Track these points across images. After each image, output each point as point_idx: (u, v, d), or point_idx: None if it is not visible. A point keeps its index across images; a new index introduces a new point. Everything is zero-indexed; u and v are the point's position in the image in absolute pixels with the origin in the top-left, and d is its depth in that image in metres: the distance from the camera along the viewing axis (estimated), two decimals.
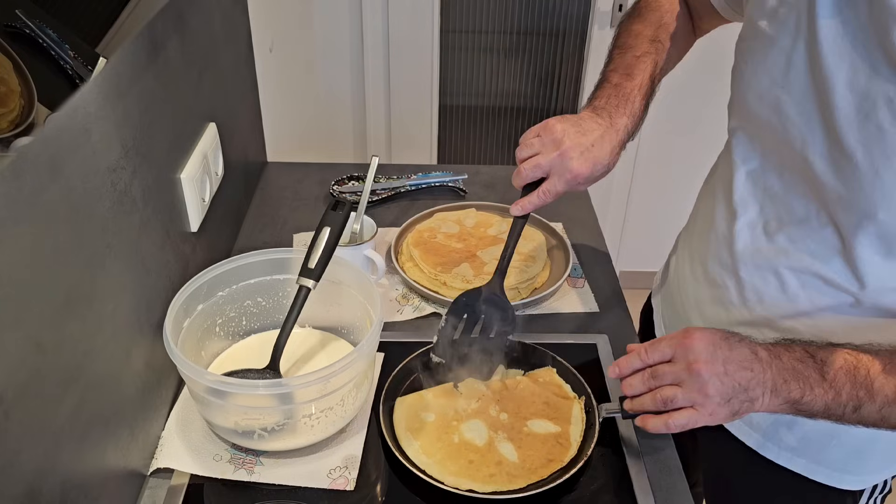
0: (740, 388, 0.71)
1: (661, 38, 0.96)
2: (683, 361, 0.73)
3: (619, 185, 2.44)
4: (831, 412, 0.71)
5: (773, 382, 0.71)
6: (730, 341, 0.73)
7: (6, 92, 0.73)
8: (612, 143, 0.87)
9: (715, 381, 0.71)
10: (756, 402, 0.72)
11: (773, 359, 0.72)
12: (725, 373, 0.71)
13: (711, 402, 0.72)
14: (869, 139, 0.68)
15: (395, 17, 2.13)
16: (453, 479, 0.83)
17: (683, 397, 0.73)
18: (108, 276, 0.72)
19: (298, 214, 1.32)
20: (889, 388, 0.69)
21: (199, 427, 0.89)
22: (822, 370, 0.71)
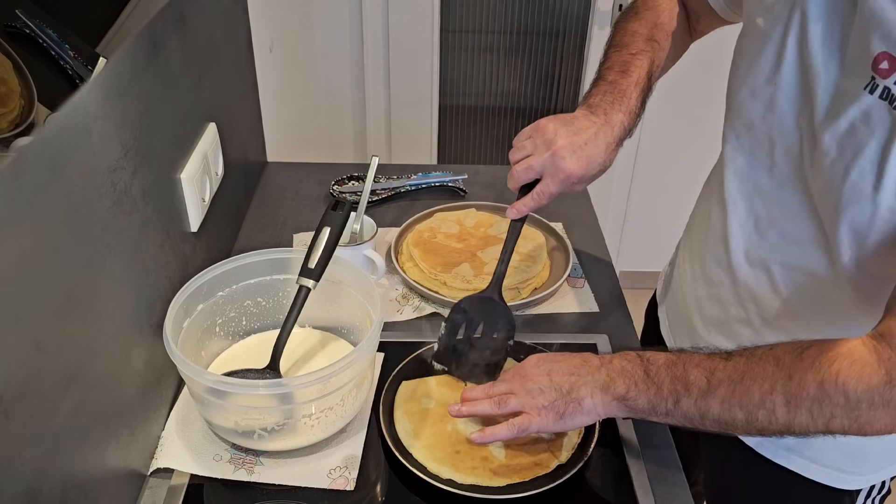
0: (563, 392, 0.78)
1: (657, 38, 0.95)
2: (517, 378, 0.82)
3: (619, 185, 2.44)
4: (656, 408, 0.74)
5: (602, 383, 0.77)
6: (561, 356, 0.82)
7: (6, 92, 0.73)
8: (606, 140, 0.86)
9: (538, 388, 0.79)
10: (584, 402, 0.77)
11: (603, 364, 0.78)
12: (550, 381, 0.79)
13: (537, 404, 0.79)
14: (841, 136, 0.70)
15: (395, 17, 2.12)
16: (436, 466, 0.84)
17: (515, 402, 0.80)
18: (108, 276, 0.72)
19: (298, 214, 1.32)
20: (702, 379, 0.71)
21: (199, 427, 0.89)
22: (647, 368, 0.75)
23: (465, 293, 1.10)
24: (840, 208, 0.71)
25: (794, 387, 0.66)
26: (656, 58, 0.94)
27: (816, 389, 0.65)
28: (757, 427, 0.69)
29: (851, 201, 0.70)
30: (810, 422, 0.67)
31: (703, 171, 1.05)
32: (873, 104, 0.67)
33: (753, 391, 0.68)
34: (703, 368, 0.71)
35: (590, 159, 0.86)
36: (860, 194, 0.69)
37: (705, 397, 0.71)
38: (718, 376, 0.70)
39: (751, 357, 0.70)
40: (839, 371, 0.64)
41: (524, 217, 0.93)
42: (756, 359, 0.69)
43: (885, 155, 0.66)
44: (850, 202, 0.70)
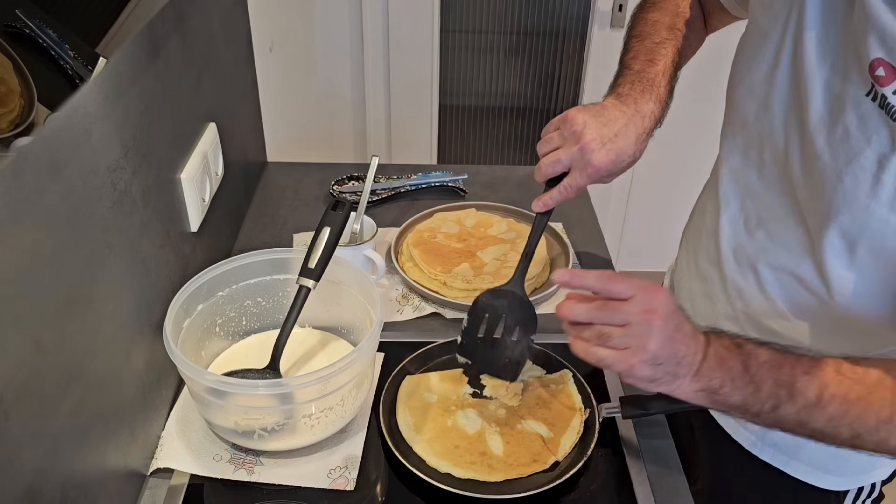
0: (674, 358, 0.67)
1: (678, 26, 0.93)
2: (642, 305, 0.67)
3: (619, 185, 2.44)
4: (749, 407, 0.68)
5: (698, 368, 0.68)
6: (680, 314, 0.69)
7: (6, 92, 0.73)
8: (637, 131, 0.84)
9: (659, 338, 0.66)
10: (677, 380, 0.68)
11: (711, 341, 0.69)
12: (672, 337, 0.67)
13: (644, 354, 0.66)
14: (836, 141, 0.69)
15: (395, 17, 2.12)
16: (435, 460, 0.85)
17: (620, 338, 0.67)
18: (108, 276, 0.72)
19: (298, 214, 1.32)
20: (811, 390, 0.66)
21: (199, 427, 0.89)
22: (746, 362, 0.68)
23: (465, 293, 1.10)
24: (830, 214, 0.70)
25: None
26: (679, 46, 0.92)
27: None
28: (856, 445, 0.67)
29: (842, 208, 0.69)
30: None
31: (703, 171, 1.05)
32: (871, 111, 0.65)
33: (869, 418, 0.66)
34: (813, 379, 0.66)
35: (619, 152, 0.83)
36: (852, 201, 0.68)
37: (811, 410, 0.66)
38: (831, 391, 0.66)
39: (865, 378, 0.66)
40: None
41: (550, 211, 0.88)
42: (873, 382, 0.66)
43: (882, 164, 0.65)
44: (840, 209, 0.69)
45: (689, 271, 0.98)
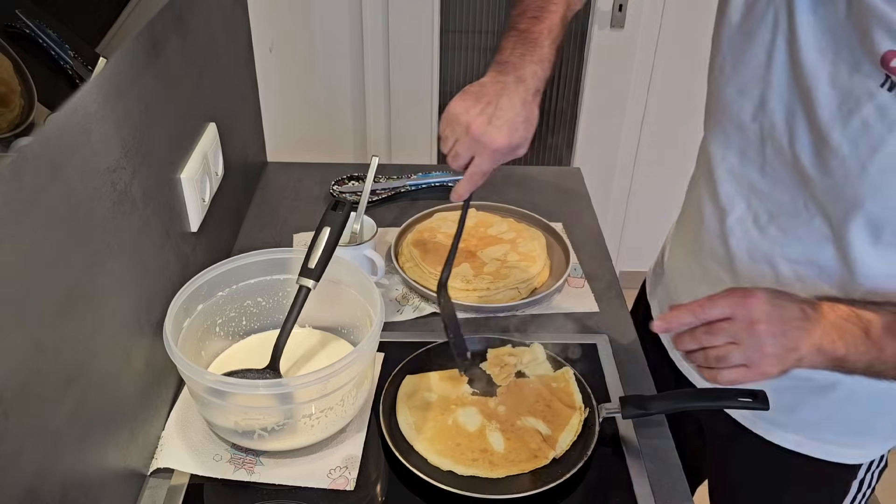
0: (793, 348, 0.70)
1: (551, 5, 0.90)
2: (744, 321, 0.69)
3: (619, 184, 2.44)
4: (873, 369, 0.71)
5: (819, 342, 0.70)
6: (782, 300, 0.71)
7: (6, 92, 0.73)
8: (520, 96, 0.83)
9: (772, 341, 0.69)
10: (804, 360, 0.70)
11: (821, 318, 0.70)
12: (783, 333, 0.69)
13: (767, 361, 0.70)
14: (854, 134, 0.70)
15: (395, 17, 2.12)
16: (437, 459, 0.85)
17: (740, 356, 0.70)
18: (108, 276, 0.72)
19: (298, 214, 1.32)
20: None
21: (199, 427, 0.89)
22: (867, 329, 0.70)
23: (465, 293, 1.10)
24: (857, 203, 0.72)
25: None
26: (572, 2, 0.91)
27: None
28: None
29: (869, 196, 0.71)
30: None
31: None
32: (889, 101, 0.67)
33: None
34: None
35: (510, 124, 0.82)
36: (880, 188, 0.70)
37: None
38: None
39: None
40: None
41: (467, 201, 0.91)
42: None
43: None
44: (867, 197, 0.71)
45: (692, 275, 0.98)
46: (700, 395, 0.92)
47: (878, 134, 0.68)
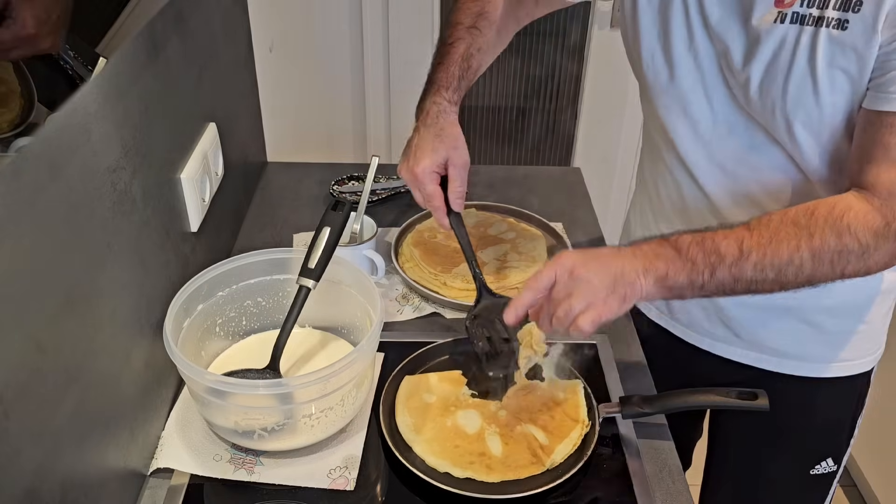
0: (619, 275, 0.78)
1: (477, 25, 1.05)
2: (565, 274, 0.80)
3: (619, 185, 2.44)
4: (693, 282, 0.78)
5: (642, 265, 0.79)
6: (592, 249, 0.82)
7: (6, 92, 0.73)
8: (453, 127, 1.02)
9: (595, 275, 0.78)
10: (636, 286, 0.78)
11: (635, 250, 0.80)
12: (601, 266, 0.79)
13: (601, 293, 0.78)
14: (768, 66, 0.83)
15: (395, 17, 2.12)
16: (434, 460, 0.85)
17: (577, 302, 0.78)
18: (108, 276, 0.72)
19: (298, 214, 1.32)
20: (733, 247, 0.78)
21: (199, 427, 0.89)
22: (676, 246, 0.79)
23: (465, 293, 1.10)
24: (790, 120, 0.84)
25: (817, 242, 0.77)
26: (474, 43, 1.04)
27: (836, 241, 0.77)
28: (782, 283, 0.79)
29: (799, 113, 0.83)
30: (830, 271, 0.78)
31: None
32: (786, 31, 0.81)
33: (782, 251, 0.77)
34: (731, 239, 0.78)
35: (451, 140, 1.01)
36: (803, 104, 0.82)
37: (738, 263, 0.77)
38: (748, 244, 0.77)
39: (769, 223, 0.79)
40: (850, 222, 0.77)
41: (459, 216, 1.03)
42: (776, 224, 0.78)
43: (812, 66, 0.80)
44: (796, 115, 0.83)
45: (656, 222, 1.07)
46: (700, 395, 0.92)
47: (785, 59, 0.81)
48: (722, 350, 1.06)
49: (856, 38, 0.77)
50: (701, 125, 0.94)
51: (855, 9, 0.76)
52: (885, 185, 0.77)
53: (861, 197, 0.79)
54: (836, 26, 0.77)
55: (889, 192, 0.77)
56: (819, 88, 0.81)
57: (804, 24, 0.80)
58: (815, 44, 0.79)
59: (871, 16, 0.75)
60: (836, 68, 0.79)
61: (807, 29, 0.79)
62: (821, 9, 0.78)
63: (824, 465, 1.08)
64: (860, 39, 0.77)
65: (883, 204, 0.77)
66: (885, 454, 1.85)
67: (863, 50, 0.77)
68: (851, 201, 0.78)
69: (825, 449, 1.08)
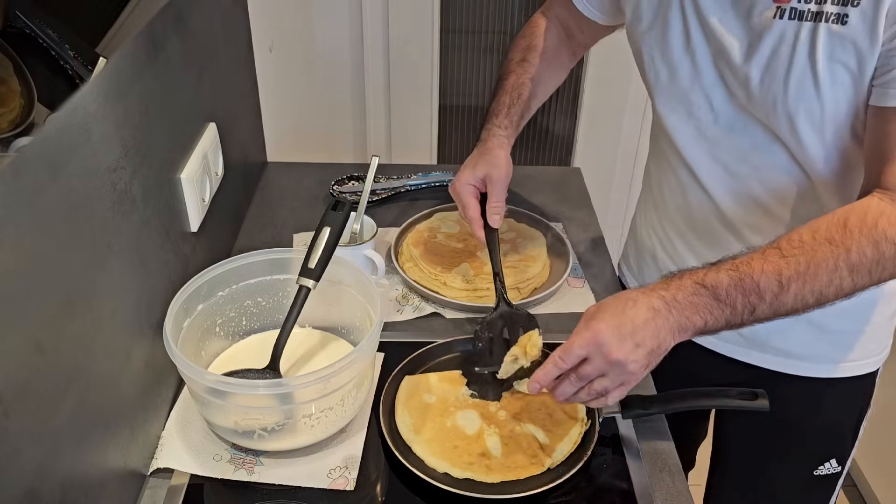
0: (655, 348, 0.76)
1: (527, 59, 1.12)
2: (599, 356, 0.76)
3: (619, 185, 2.44)
4: (731, 324, 0.77)
5: (678, 324, 0.76)
6: (626, 312, 0.76)
7: (6, 92, 0.73)
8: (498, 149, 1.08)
9: (632, 359, 0.76)
10: (670, 346, 0.77)
11: (671, 304, 0.76)
12: (637, 345, 0.75)
13: (637, 373, 0.77)
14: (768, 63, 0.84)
15: (395, 17, 2.12)
16: (434, 461, 0.85)
17: (613, 383, 0.78)
18: (108, 276, 0.72)
19: (298, 214, 1.32)
20: (773, 283, 0.75)
21: (199, 427, 0.89)
22: (716, 294, 0.76)
23: (465, 293, 1.10)
24: (792, 115, 0.84)
25: (855, 257, 0.75)
26: (525, 74, 1.11)
27: (873, 251, 0.75)
28: (822, 302, 0.77)
29: (800, 109, 0.83)
30: (868, 280, 0.76)
31: None
32: (785, 27, 0.81)
33: (821, 275, 0.75)
34: (769, 274, 0.75)
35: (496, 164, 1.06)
36: (805, 100, 0.82)
37: (779, 297, 0.75)
38: (787, 275, 0.75)
39: (803, 245, 0.76)
40: (885, 229, 0.75)
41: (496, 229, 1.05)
42: (810, 246, 0.76)
43: (812, 61, 0.80)
44: (797, 111, 0.83)
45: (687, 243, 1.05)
46: (700, 395, 0.92)
47: (784, 56, 0.82)
48: (726, 350, 1.06)
49: (856, 33, 0.77)
50: (702, 125, 0.94)
51: (854, 3, 0.76)
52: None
53: (887, 198, 0.77)
54: (836, 21, 0.77)
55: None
56: (820, 83, 0.81)
57: (803, 19, 0.80)
58: (815, 39, 0.79)
59: (870, 10, 0.75)
60: (837, 62, 0.79)
61: (806, 24, 0.80)
62: (819, 3, 0.78)
63: (828, 466, 1.08)
64: (860, 34, 0.77)
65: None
66: (886, 455, 1.85)
67: (863, 45, 0.77)
68: (880, 205, 0.77)
69: (829, 450, 1.08)
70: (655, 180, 1.09)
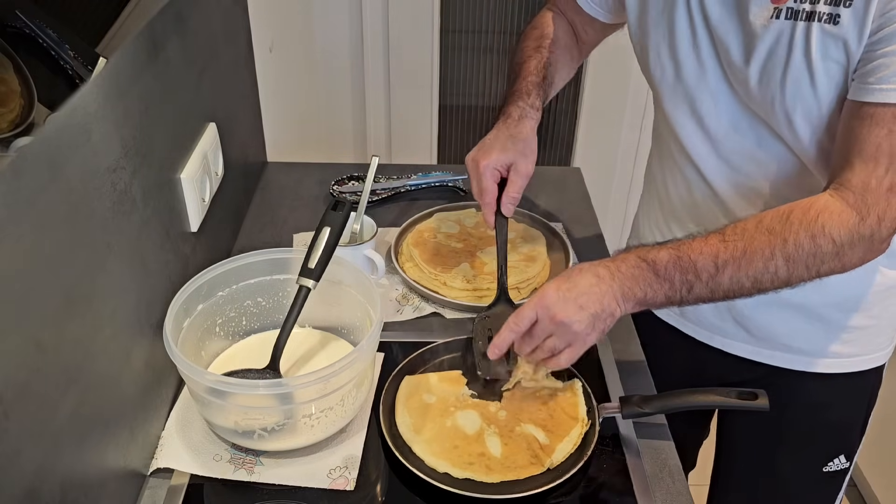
0: (598, 312, 0.81)
1: (543, 45, 1.11)
2: (546, 318, 0.82)
3: (619, 185, 2.44)
4: (671, 299, 0.82)
5: (620, 291, 0.82)
6: (572, 277, 0.83)
7: (6, 92, 0.73)
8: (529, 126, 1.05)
9: (576, 320, 0.81)
10: (615, 314, 0.82)
11: (615, 273, 0.82)
12: (581, 308, 0.81)
13: (581, 335, 0.82)
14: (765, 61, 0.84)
15: (395, 17, 2.12)
16: (433, 460, 0.85)
17: (560, 342, 0.84)
18: (108, 276, 0.72)
19: (298, 214, 1.32)
20: (709, 264, 0.80)
21: (199, 427, 0.89)
22: (655, 268, 0.81)
23: (465, 293, 1.10)
24: (790, 114, 0.85)
25: (791, 248, 0.78)
26: (543, 58, 1.09)
27: (810, 244, 0.78)
28: (760, 288, 0.81)
29: (797, 108, 0.84)
30: (805, 273, 0.79)
31: None
32: (781, 27, 0.82)
33: (757, 261, 0.79)
34: (706, 255, 0.80)
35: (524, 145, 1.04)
36: (801, 97, 0.83)
37: (714, 278, 0.80)
38: (723, 258, 0.79)
39: (744, 233, 0.80)
40: (824, 223, 0.78)
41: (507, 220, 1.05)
42: (750, 233, 0.80)
43: (808, 60, 0.81)
44: (795, 108, 0.84)
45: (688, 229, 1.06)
46: (700, 395, 0.92)
47: (781, 54, 0.83)
48: (733, 347, 1.06)
49: (848, 33, 0.78)
50: (707, 122, 0.94)
51: (846, 3, 0.77)
52: (860, 179, 0.78)
53: (837, 195, 0.79)
54: (829, 21, 0.78)
55: (863, 187, 0.77)
56: (816, 82, 0.81)
57: (798, 19, 0.81)
58: (809, 38, 0.80)
59: (861, 9, 0.76)
60: (831, 61, 0.80)
61: (800, 24, 0.81)
62: (813, 3, 0.79)
63: (837, 462, 1.08)
64: (852, 34, 0.77)
65: (857, 199, 0.78)
66: (886, 454, 1.85)
67: (854, 44, 0.78)
68: (827, 201, 0.79)
69: (838, 446, 1.08)
70: (660, 178, 1.09)
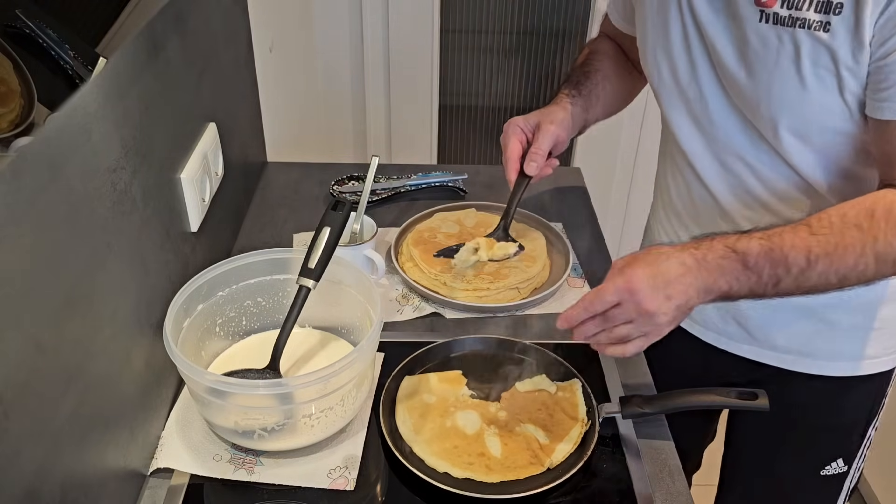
0: (682, 304, 0.77)
1: (590, 59, 1.17)
2: (632, 304, 0.77)
3: (619, 185, 2.44)
4: (755, 293, 0.78)
5: (704, 284, 0.77)
6: (660, 263, 0.77)
7: (6, 92, 0.73)
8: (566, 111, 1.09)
9: (663, 311, 0.76)
10: (694, 305, 0.78)
11: (701, 262, 0.77)
12: (668, 298, 0.76)
13: (663, 326, 0.78)
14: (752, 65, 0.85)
15: (395, 17, 2.12)
16: (433, 460, 0.85)
17: (637, 331, 0.78)
18: (108, 276, 0.72)
19: (298, 214, 1.32)
20: (801, 258, 0.76)
21: (199, 427, 0.89)
22: (745, 260, 0.77)
23: (465, 293, 1.10)
24: (775, 120, 0.85)
25: (882, 246, 0.76)
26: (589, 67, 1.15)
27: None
28: (844, 285, 0.78)
29: (783, 113, 0.84)
30: (889, 270, 0.78)
31: None
32: (768, 31, 0.82)
33: (848, 258, 0.76)
34: (798, 248, 0.76)
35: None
36: (788, 105, 0.83)
37: (805, 273, 0.76)
38: (816, 252, 0.76)
39: (832, 227, 0.77)
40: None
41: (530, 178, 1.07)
42: (838, 227, 0.77)
43: (797, 66, 0.80)
44: (780, 115, 0.84)
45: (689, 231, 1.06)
46: (700, 395, 0.92)
47: (767, 58, 0.82)
48: (737, 348, 1.06)
49: (839, 41, 0.77)
50: (700, 122, 0.95)
51: (836, 11, 0.77)
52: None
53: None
54: (819, 28, 0.78)
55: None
56: (807, 87, 0.81)
57: (785, 24, 0.80)
58: (798, 45, 0.80)
59: (852, 18, 0.76)
60: (822, 68, 0.79)
61: (789, 30, 0.80)
62: (801, 10, 0.78)
63: (835, 466, 1.08)
64: (843, 42, 0.77)
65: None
66: (886, 455, 1.85)
67: (846, 53, 0.77)
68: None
69: (835, 449, 1.08)
70: (664, 181, 1.10)
